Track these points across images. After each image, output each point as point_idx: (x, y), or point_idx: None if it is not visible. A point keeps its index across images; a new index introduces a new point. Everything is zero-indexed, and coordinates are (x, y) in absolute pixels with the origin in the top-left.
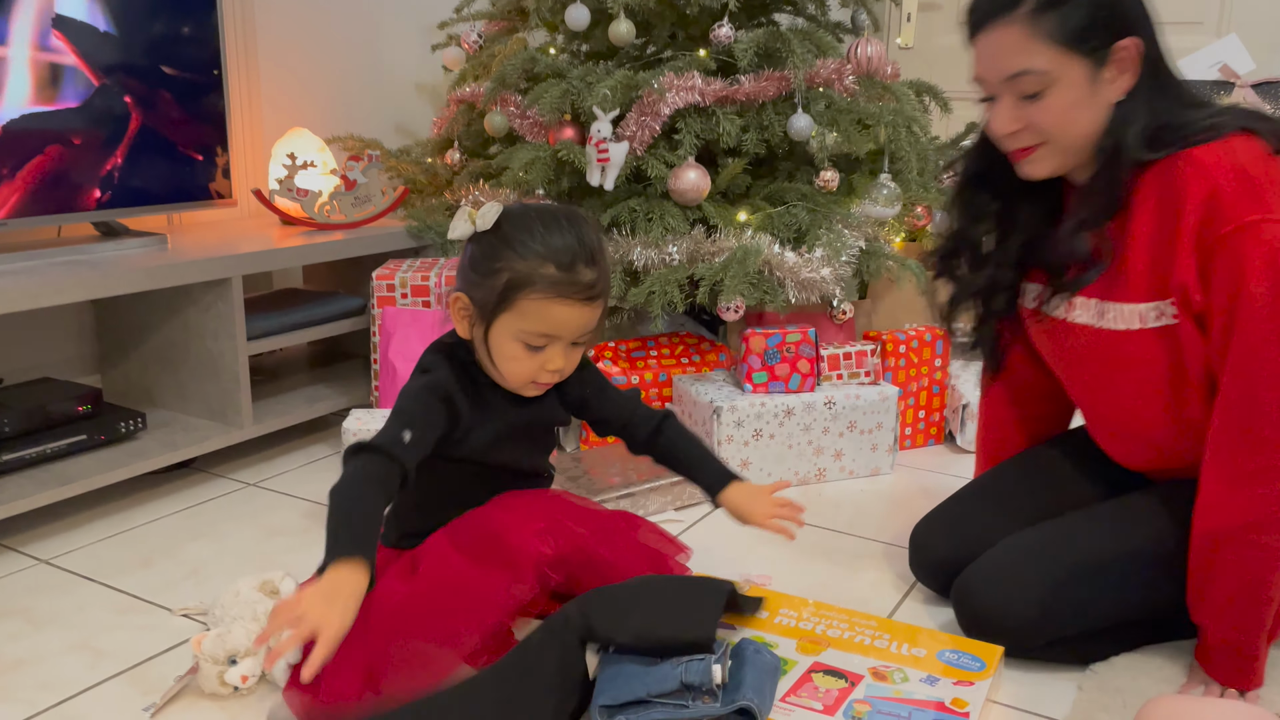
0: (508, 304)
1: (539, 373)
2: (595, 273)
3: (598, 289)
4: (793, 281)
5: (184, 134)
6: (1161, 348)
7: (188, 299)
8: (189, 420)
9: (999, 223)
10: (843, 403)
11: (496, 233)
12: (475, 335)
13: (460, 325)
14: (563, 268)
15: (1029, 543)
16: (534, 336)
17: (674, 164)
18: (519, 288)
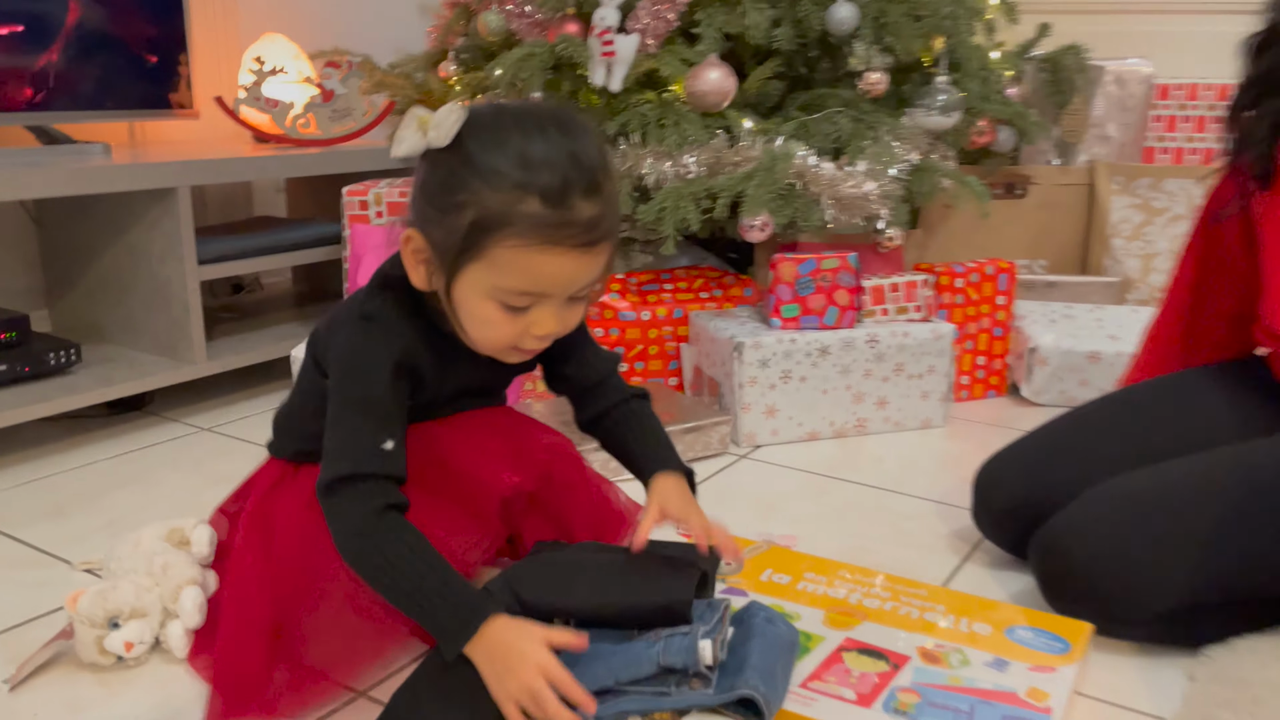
0: (475, 252)
1: (522, 338)
2: (597, 205)
3: (601, 229)
4: (830, 198)
5: (135, 33)
6: None
7: (131, 215)
8: (136, 356)
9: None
10: (888, 341)
11: (457, 150)
12: (435, 286)
13: (416, 273)
14: (551, 201)
15: (1139, 486)
16: (513, 295)
17: (693, 62)
18: (489, 230)
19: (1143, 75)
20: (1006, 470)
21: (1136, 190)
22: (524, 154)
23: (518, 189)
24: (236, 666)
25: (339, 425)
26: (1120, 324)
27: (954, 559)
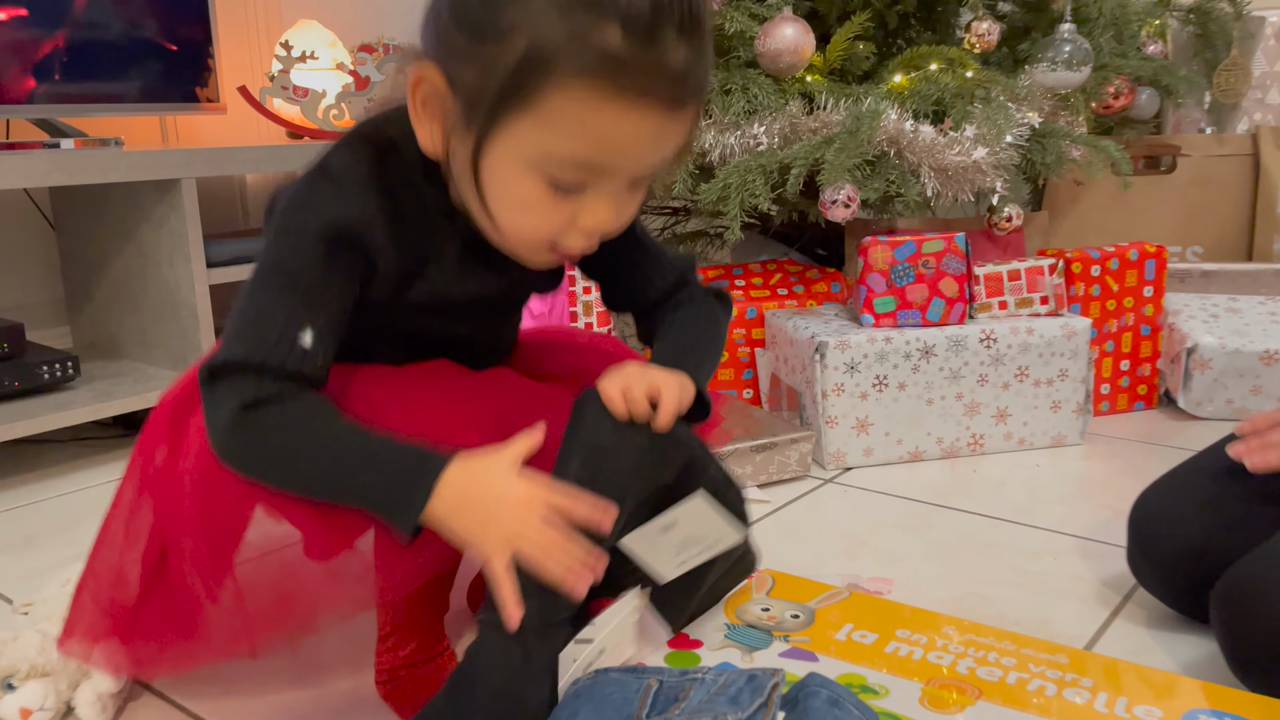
0: (523, 101)
1: (565, 231)
2: (694, 48)
3: (694, 81)
4: (931, 168)
5: (157, 24)
6: None
7: (139, 214)
8: (145, 370)
9: None
10: (1008, 339)
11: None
12: (455, 156)
13: (424, 130)
14: (638, 31)
15: None
16: (567, 167)
17: (765, 17)
18: (547, 69)
19: None
20: (1176, 504)
21: None
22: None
23: (592, 10)
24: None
25: (249, 299)
26: None
27: (1101, 613)
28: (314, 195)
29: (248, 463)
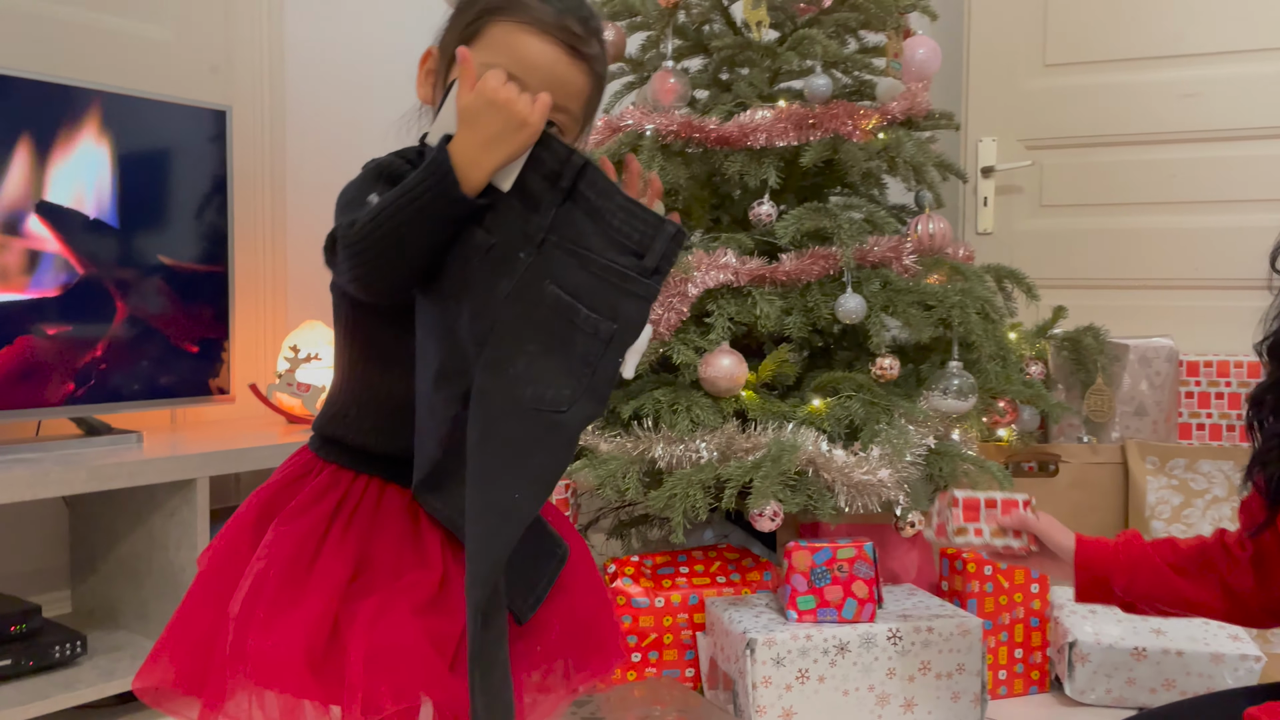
0: (475, 32)
1: None
2: (587, 33)
3: (589, 49)
4: (844, 484)
5: (180, 327)
6: None
7: (152, 504)
8: (145, 644)
9: None
10: (911, 637)
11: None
12: (436, 94)
13: (423, 88)
14: (547, 2)
15: None
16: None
17: (705, 350)
18: (492, 12)
19: (1167, 352)
20: None
21: (1172, 471)
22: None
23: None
24: (184, 645)
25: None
26: None
27: None
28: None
29: (363, 236)
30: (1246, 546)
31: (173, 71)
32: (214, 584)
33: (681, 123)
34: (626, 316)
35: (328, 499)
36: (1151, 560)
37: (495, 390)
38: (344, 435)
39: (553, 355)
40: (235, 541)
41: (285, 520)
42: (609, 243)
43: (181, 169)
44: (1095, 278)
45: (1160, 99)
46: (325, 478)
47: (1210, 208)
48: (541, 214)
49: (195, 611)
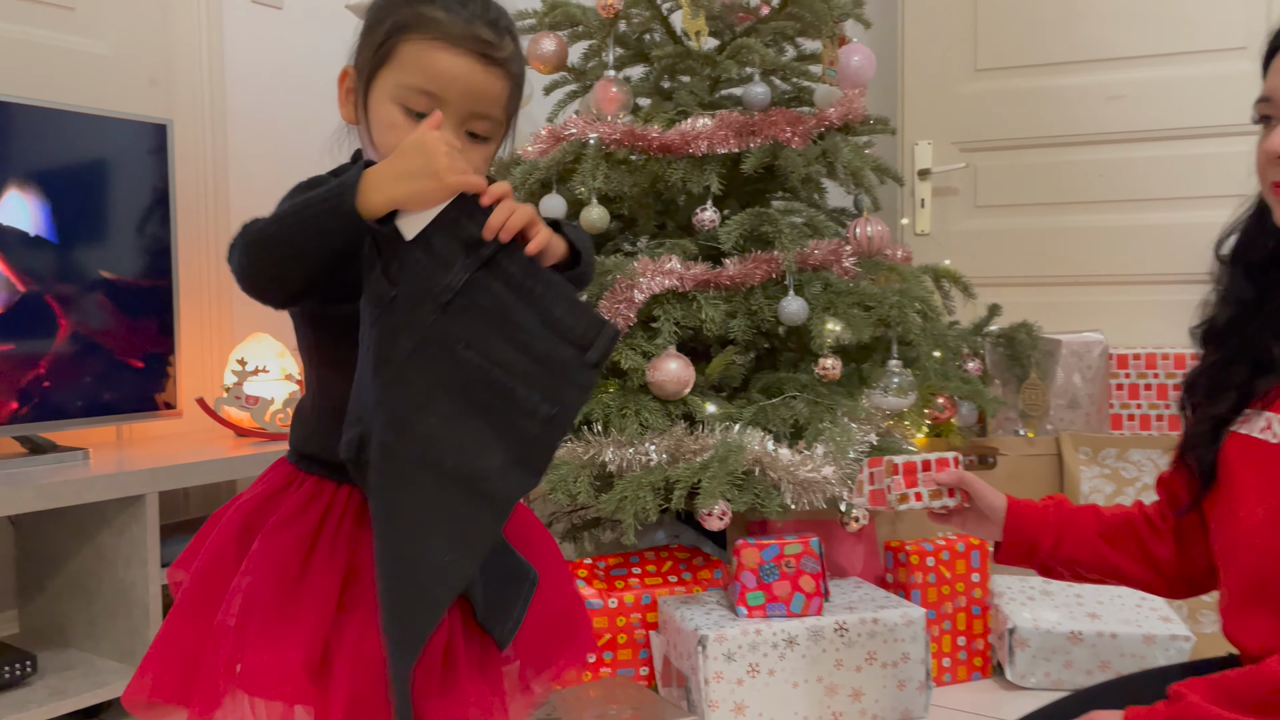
0: (387, 53)
1: None
2: (497, 36)
3: (501, 52)
4: (790, 482)
5: (125, 342)
6: None
7: (101, 521)
8: (95, 662)
9: (1243, 310)
10: (858, 629)
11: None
12: (358, 114)
13: (345, 108)
14: (454, 12)
15: None
16: (414, 95)
17: (653, 354)
18: (401, 30)
19: (1098, 346)
20: None
21: (1104, 460)
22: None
23: (429, 4)
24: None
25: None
26: (1101, 600)
27: None
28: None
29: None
30: (1168, 518)
31: (113, 86)
32: (199, 597)
33: (624, 131)
34: (567, 404)
35: (312, 510)
36: (1079, 523)
37: (405, 450)
38: (319, 452)
39: (472, 420)
40: (219, 555)
41: (271, 533)
42: (550, 330)
43: (123, 183)
44: (1028, 275)
45: (1087, 102)
46: (308, 489)
47: (1137, 206)
48: (452, 276)
49: (182, 624)
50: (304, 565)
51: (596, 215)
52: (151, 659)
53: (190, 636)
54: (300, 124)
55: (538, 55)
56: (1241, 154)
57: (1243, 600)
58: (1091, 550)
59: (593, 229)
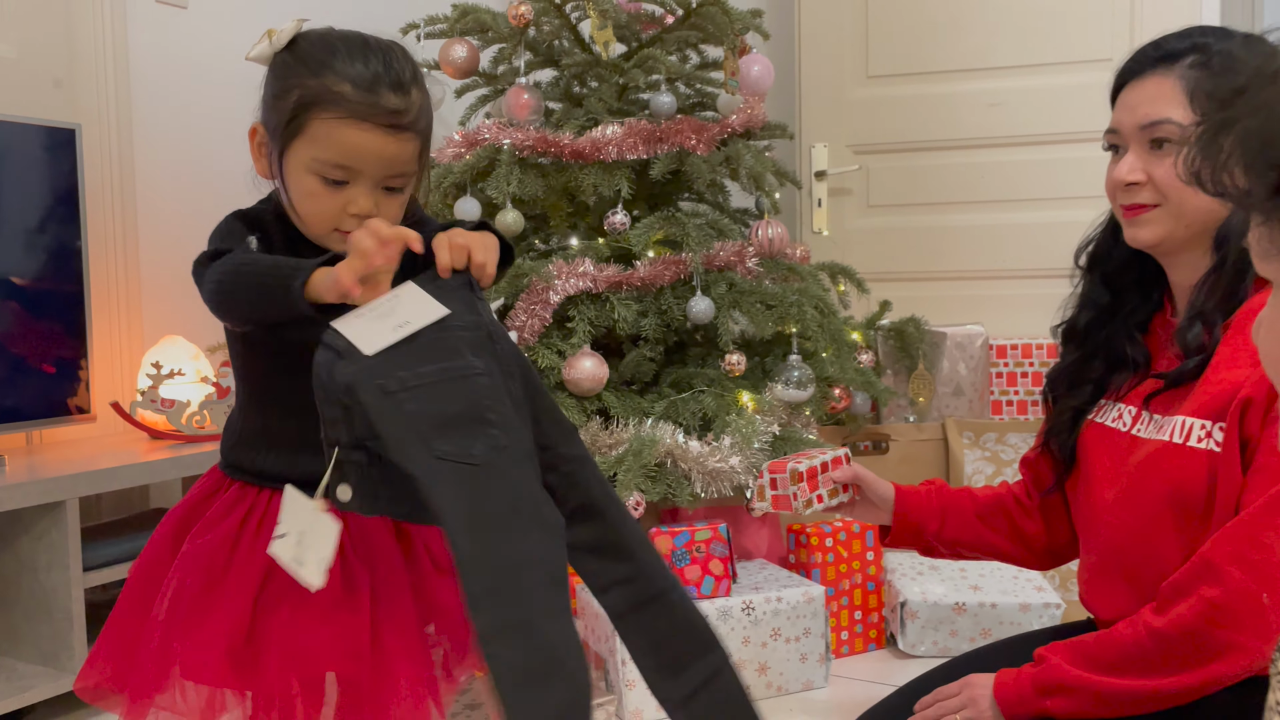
0: (298, 127)
1: (340, 216)
2: (402, 100)
3: (407, 117)
4: (699, 473)
5: (36, 347)
6: (1204, 471)
7: (20, 527)
8: (17, 666)
9: (1100, 313)
10: (763, 607)
11: (292, 50)
12: (274, 174)
13: (259, 163)
14: (361, 86)
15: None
16: (329, 168)
17: (568, 353)
18: (309, 107)
19: (979, 337)
20: None
21: (985, 444)
22: (345, 55)
23: (335, 76)
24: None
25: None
26: (983, 573)
27: None
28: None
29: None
30: (1033, 496)
31: (17, 89)
32: (138, 593)
33: (537, 138)
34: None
35: (235, 512)
36: (959, 507)
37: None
38: (246, 462)
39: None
40: (156, 555)
41: (199, 534)
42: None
43: (31, 188)
44: (916, 270)
45: (969, 108)
46: (233, 493)
47: (1014, 206)
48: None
49: (124, 618)
50: (227, 563)
51: (512, 219)
52: (98, 650)
53: (130, 629)
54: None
55: (449, 61)
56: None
57: (1097, 572)
58: (971, 531)
59: (508, 232)
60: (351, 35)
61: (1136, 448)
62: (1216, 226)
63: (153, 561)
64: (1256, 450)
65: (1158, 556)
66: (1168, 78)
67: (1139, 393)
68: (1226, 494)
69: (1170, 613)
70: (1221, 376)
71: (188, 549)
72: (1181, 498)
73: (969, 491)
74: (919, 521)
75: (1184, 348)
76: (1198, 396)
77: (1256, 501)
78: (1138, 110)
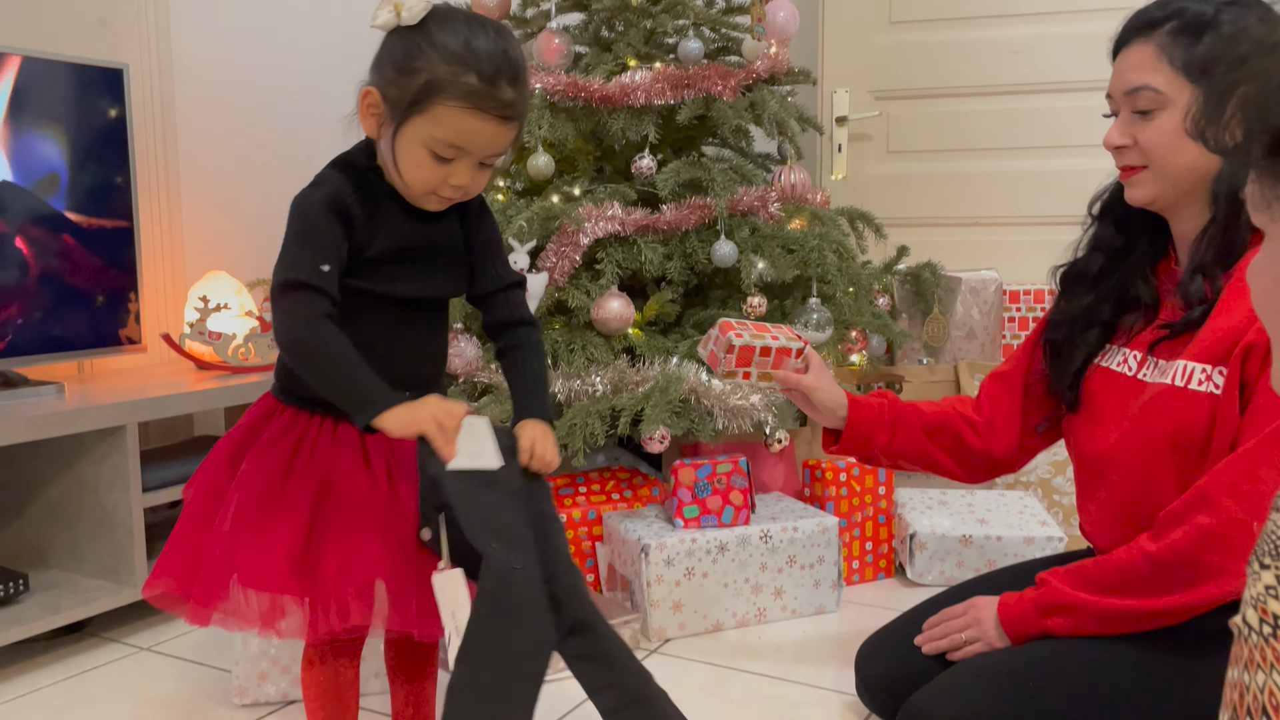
0: (421, 108)
1: (442, 185)
2: (516, 92)
3: (516, 109)
4: (721, 409)
5: (90, 281)
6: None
7: (81, 449)
8: (80, 580)
9: (1111, 257)
10: (780, 536)
11: (421, 30)
12: (383, 135)
13: (368, 122)
14: (484, 79)
15: (988, 661)
16: (443, 146)
17: (596, 294)
18: (435, 92)
19: (993, 283)
20: (880, 650)
21: None
22: (470, 41)
23: (463, 65)
24: (179, 558)
25: (287, 250)
26: (989, 508)
27: None
28: (313, 189)
29: (308, 350)
30: (983, 413)
31: (60, 27)
32: (200, 510)
33: (568, 83)
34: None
35: (290, 435)
36: (908, 421)
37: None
38: (300, 388)
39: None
40: (214, 475)
41: (257, 455)
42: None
43: (82, 127)
44: (933, 216)
45: (990, 55)
46: (287, 417)
47: (1031, 153)
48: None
49: (187, 532)
50: (285, 481)
51: (543, 163)
52: (164, 561)
53: (194, 542)
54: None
55: (481, 5)
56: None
57: (1100, 507)
58: (917, 445)
59: (540, 175)
60: (474, 21)
61: (1141, 391)
62: (1207, 182)
63: (212, 480)
64: (1254, 391)
65: (1157, 493)
66: (1148, 44)
67: (1144, 339)
68: (1224, 434)
69: (1165, 539)
70: (1223, 324)
71: (247, 468)
72: (1182, 438)
73: (916, 406)
74: (869, 433)
75: (1186, 299)
76: (1199, 342)
77: (1253, 438)
78: (1123, 77)
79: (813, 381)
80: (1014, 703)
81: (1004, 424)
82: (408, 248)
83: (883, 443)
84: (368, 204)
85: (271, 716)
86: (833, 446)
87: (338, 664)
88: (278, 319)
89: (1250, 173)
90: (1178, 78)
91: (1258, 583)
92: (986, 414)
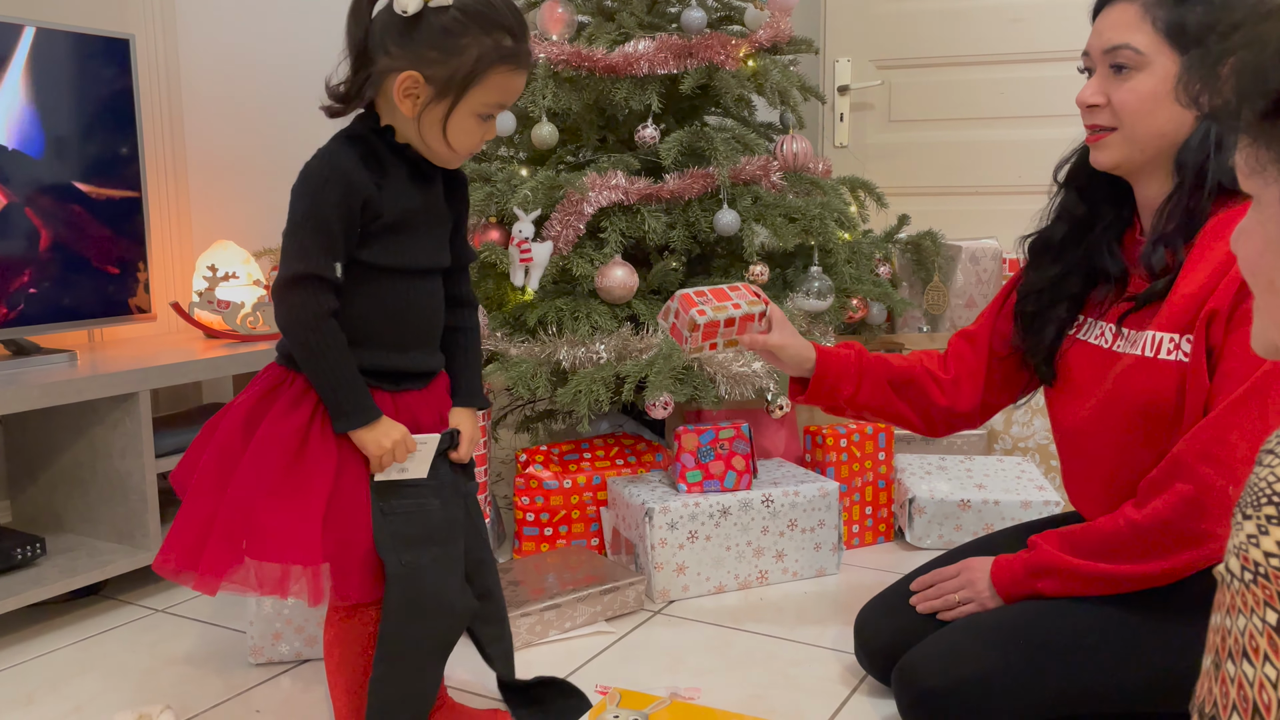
0: (478, 79)
1: (480, 142)
2: (530, 41)
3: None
4: (724, 376)
5: (100, 250)
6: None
7: (94, 416)
8: (95, 544)
9: (1075, 226)
10: (781, 500)
11: (460, 8)
12: (428, 115)
13: (405, 104)
14: (515, 36)
15: (981, 620)
16: (491, 108)
17: (601, 262)
18: (488, 64)
19: (993, 251)
20: (878, 612)
21: None
22: (497, 9)
23: (501, 31)
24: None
25: (296, 232)
26: (987, 473)
27: (839, 697)
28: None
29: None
30: (949, 370)
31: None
32: (211, 478)
33: (571, 53)
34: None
35: (305, 404)
36: (875, 374)
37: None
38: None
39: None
40: (227, 444)
41: (273, 422)
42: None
43: (89, 97)
44: (934, 185)
45: (991, 24)
46: (298, 387)
47: (1030, 122)
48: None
49: (198, 501)
50: (299, 452)
51: (547, 132)
52: (175, 531)
53: (205, 511)
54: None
55: None
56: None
57: (1080, 478)
58: (882, 397)
59: (544, 145)
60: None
61: (1114, 363)
62: (1173, 151)
63: (224, 450)
64: (1220, 357)
65: (1135, 462)
66: (1133, 4)
67: (1116, 311)
68: (1195, 400)
69: (1148, 507)
70: (1185, 291)
71: (264, 433)
72: (1154, 408)
73: (884, 359)
74: (835, 384)
75: (1149, 270)
76: (1165, 312)
77: (1222, 403)
78: (1103, 35)
79: (778, 340)
80: (1005, 660)
81: (969, 383)
82: (411, 212)
83: (848, 394)
84: (377, 174)
85: (285, 675)
86: (799, 396)
87: (360, 621)
88: (282, 308)
89: (1242, 139)
90: (1159, 40)
91: (1240, 532)
92: (953, 372)
